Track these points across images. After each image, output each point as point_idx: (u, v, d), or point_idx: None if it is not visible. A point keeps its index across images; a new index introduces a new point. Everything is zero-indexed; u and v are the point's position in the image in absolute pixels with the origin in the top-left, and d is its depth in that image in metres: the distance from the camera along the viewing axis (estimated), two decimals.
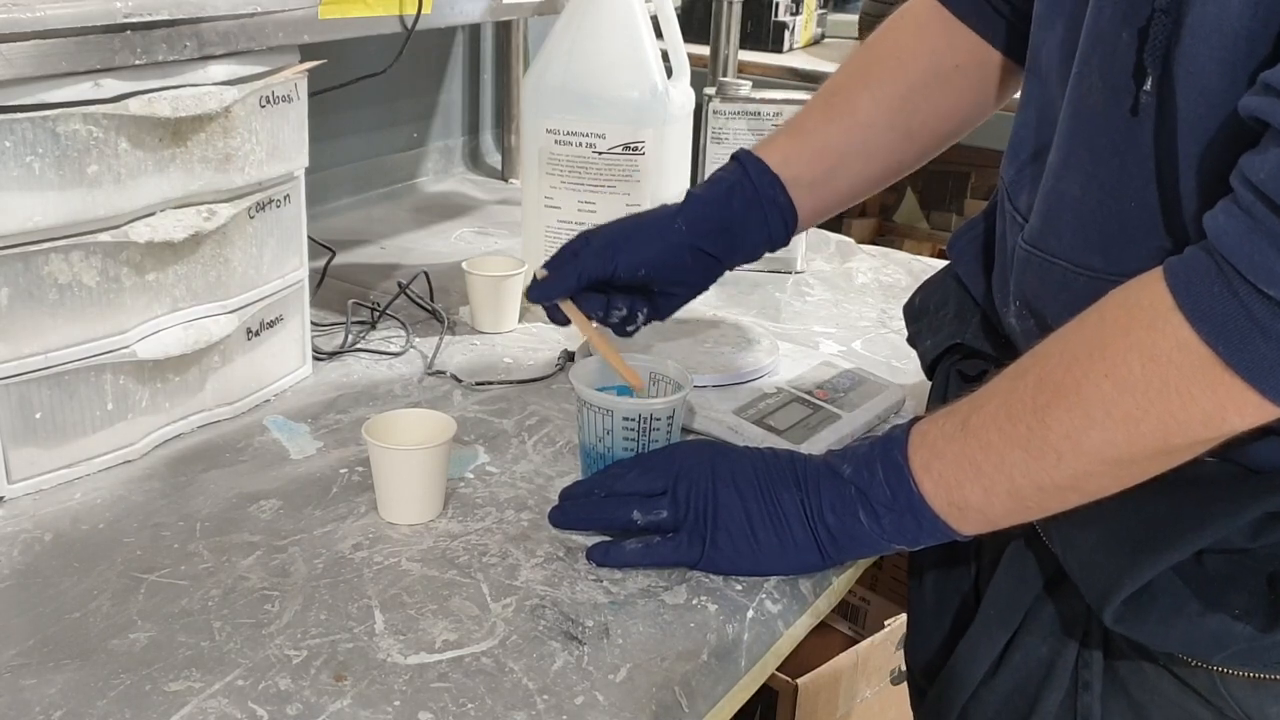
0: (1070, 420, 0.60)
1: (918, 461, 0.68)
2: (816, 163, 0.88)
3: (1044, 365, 0.62)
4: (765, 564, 0.74)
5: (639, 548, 0.75)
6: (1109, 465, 0.61)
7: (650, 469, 0.77)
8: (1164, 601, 0.63)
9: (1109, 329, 0.59)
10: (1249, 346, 0.53)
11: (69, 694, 0.62)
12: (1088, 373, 0.59)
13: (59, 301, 0.79)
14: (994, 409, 0.64)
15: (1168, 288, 0.56)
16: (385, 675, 0.65)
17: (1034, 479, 0.63)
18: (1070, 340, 0.61)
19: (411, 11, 1.08)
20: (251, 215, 0.91)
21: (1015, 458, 0.63)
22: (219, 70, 0.84)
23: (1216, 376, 0.55)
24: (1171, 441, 0.58)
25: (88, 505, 0.81)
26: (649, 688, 0.66)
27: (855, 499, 0.70)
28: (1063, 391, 0.60)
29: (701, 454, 0.77)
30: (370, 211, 1.56)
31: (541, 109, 1.15)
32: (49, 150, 0.74)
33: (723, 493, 0.74)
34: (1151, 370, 0.56)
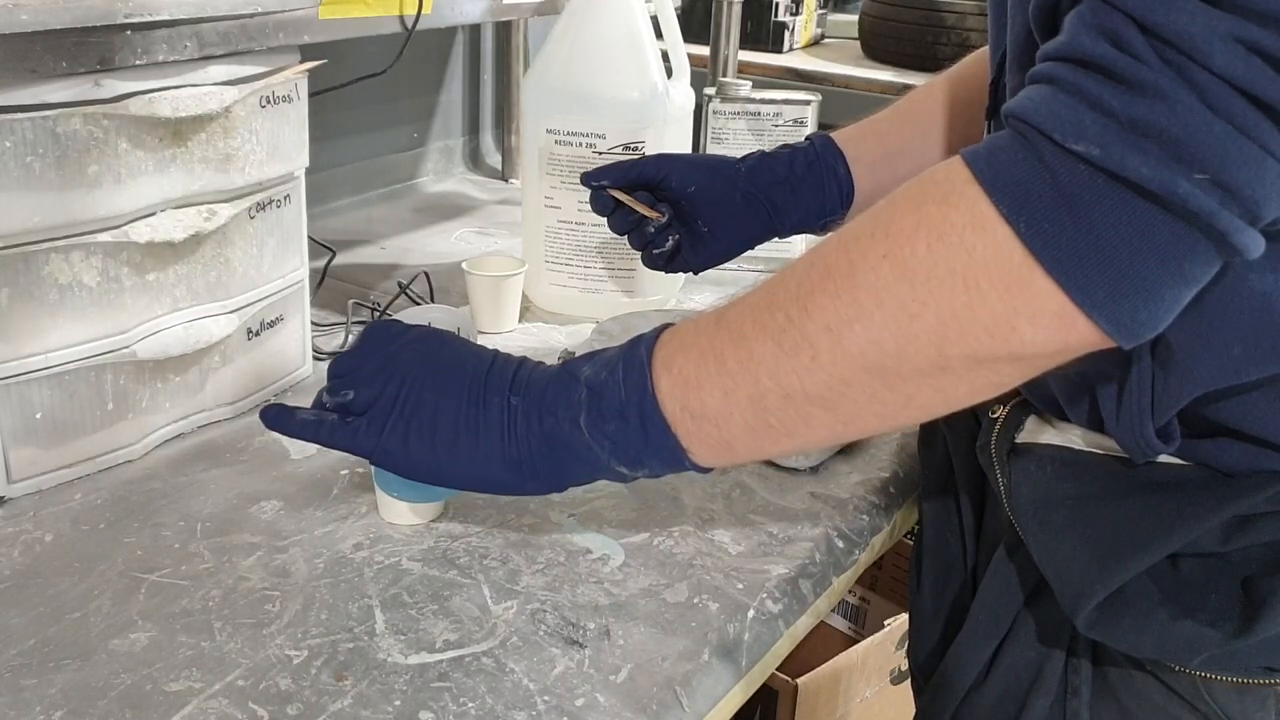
0: (834, 309, 0.52)
1: (661, 356, 0.58)
2: (879, 146, 0.89)
3: (823, 248, 0.54)
4: (447, 468, 0.62)
5: (310, 420, 0.65)
6: (869, 374, 0.52)
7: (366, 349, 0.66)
8: (1136, 607, 0.62)
9: (898, 205, 0.52)
10: (1054, 224, 0.47)
11: (69, 694, 0.62)
12: (865, 253, 0.51)
13: (59, 301, 0.79)
14: (757, 298, 0.56)
15: (965, 162, 0.50)
16: (386, 675, 0.65)
17: (782, 381, 0.54)
18: (857, 222, 0.54)
19: (411, 12, 1.08)
20: (252, 215, 0.91)
21: (765, 351, 0.54)
22: (219, 70, 0.84)
23: (1013, 265, 0.48)
24: (947, 351, 0.50)
25: (88, 505, 0.81)
26: (649, 687, 0.66)
27: (582, 403, 0.60)
28: (832, 274, 0.52)
29: (413, 337, 0.66)
30: (370, 211, 1.56)
31: (542, 109, 1.15)
32: (49, 150, 0.74)
33: (419, 379, 0.63)
34: (938, 252, 0.49)
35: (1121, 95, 0.46)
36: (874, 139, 0.90)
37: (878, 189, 0.90)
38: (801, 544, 0.81)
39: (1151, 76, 0.45)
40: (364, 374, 0.64)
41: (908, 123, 0.91)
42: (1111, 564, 0.61)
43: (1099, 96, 0.46)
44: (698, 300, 1.27)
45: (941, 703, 0.77)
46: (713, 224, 0.88)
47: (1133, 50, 0.45)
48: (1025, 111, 0.48)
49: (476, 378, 0.63)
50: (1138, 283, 0.47)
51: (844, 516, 0.85)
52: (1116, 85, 0.46)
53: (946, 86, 0.91)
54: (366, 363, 0.64)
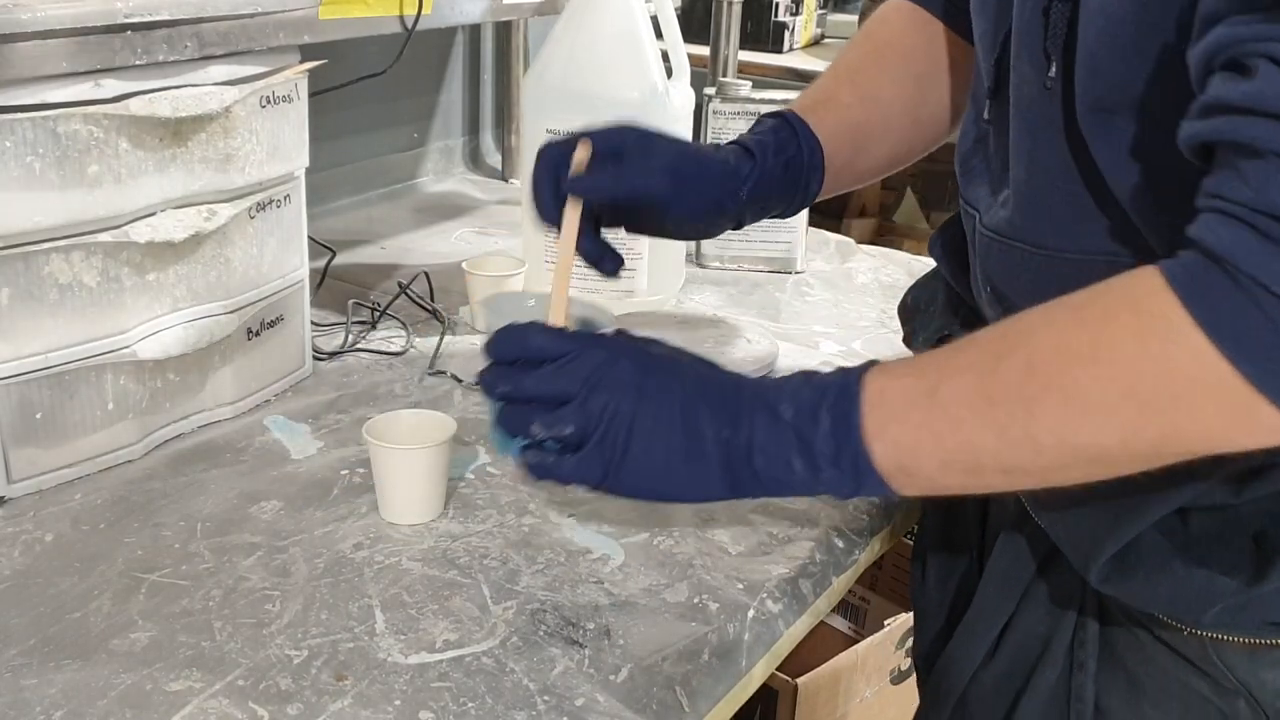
0: (1063, 417, 0.57)
1: (872, 422, 0.61)
2: (848, 142, 0.88)
3: (1035, 351, 0.58)
4: (671, 493, 0.65)
5: (535, 461, 0.65)
6: (1089, 462, 0.58)
7: (564, 369, 0.64)
8: (1150, 560, 0.63)
9: (1117, 332, 0.56)
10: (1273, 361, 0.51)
11: (70, 694, 0.63)
12: (1093, 375, 0.56)
13: (59, 301, 0.79)
14: (970, 385, 0.59)
15: (1179, 298, 0.53)
16: (386, 675, 0.65)
17: (1003, 463, 0.59)
18: (1067, 332, 0.58)
19: (412, 12, 1.08)
20: (252, 215, 0.91)
21: (987, 441, 0.58)
22: (219, 70, 0.84)
23: (1233, 393, 0.52)
24: (1164, 451, 0.56)
25: (88, 505, 0.81)
26: (649, 687, 0.66)
27: (792, 446, 0.62)
28: (1058, 387, 0.57)
29: (625, 360, 0.65)
30: (370, 211, 1.56)
31: (542, 109, 1.15)
32: (50, 150, 0.74)
33: (642, 413, 0.64)
34: (1164, 383, 0.54)
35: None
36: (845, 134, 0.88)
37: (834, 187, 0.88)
38: (801, 544, 0.81)
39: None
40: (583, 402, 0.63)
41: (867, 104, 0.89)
42: (1123, 516, 0.63)
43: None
44: (697, 300, 1.27)
45: (949, 685, 0.78)
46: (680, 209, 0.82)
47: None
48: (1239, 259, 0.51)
49: (689, 407, 0.64)
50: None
51: (844, 516, 0.85)
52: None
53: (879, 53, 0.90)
54: (576, 389, 0.64)
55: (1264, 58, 0.50)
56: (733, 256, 1.38)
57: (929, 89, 0.89)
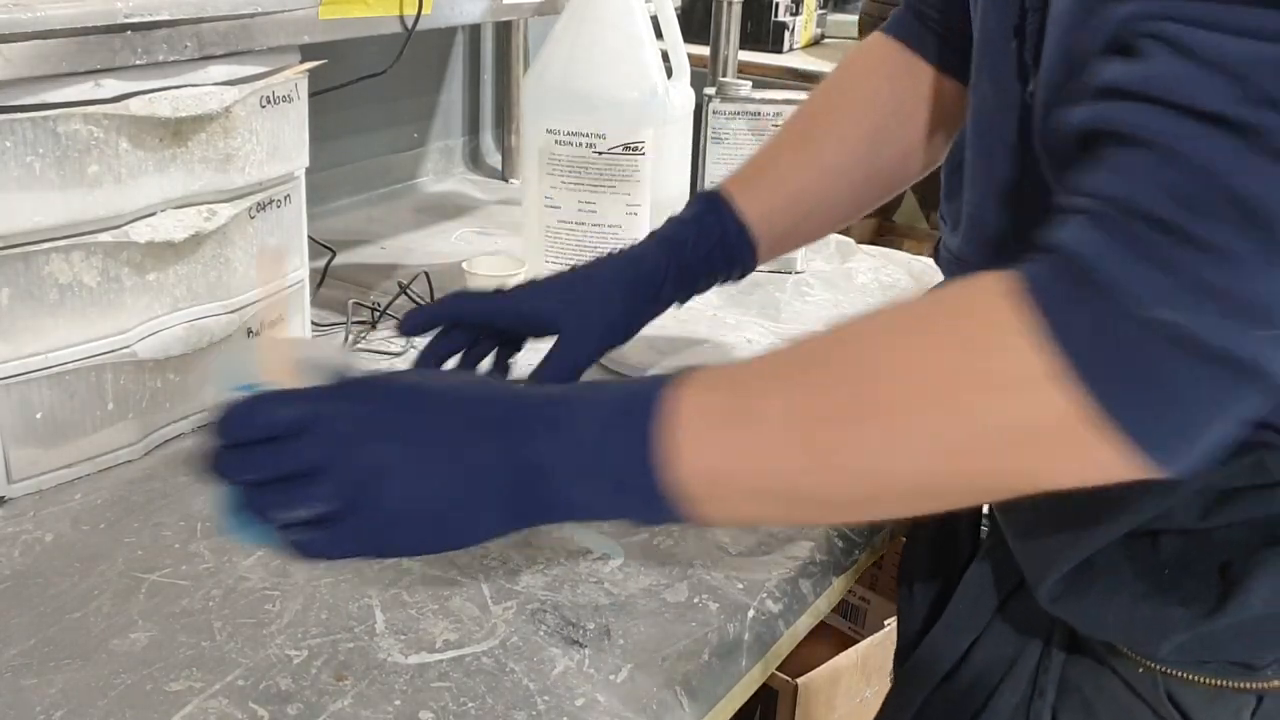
0: (886, 445, 0.49)
1: (671, 442, 0.52)
2: (789, 213, 0.84)
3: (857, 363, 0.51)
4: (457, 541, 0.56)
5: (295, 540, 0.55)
6: (916, 496, 0.51)
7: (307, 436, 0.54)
8: (1103, 582, 0.59)
9: (945, 345, 0.48)
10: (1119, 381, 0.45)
11: (70, 694, 0.63)
12: (924, 396, 0.48)
13: (59, 301, 0.79)
14: (786, 404, 0.51)
15: (1033, 308, 0.46)
16: (386, 675, 0.65)
17: (813, 492, 0.52)
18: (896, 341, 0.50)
19: (412, 12, 1.08)
20: (252, 215, 0.91)
21: (801, 466, 0.51)
22: (219, 70, 0.84)
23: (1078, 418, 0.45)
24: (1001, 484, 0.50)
25: (88, 505, 0.81)
26: (650, 687, 0.66)
27: (583, 465, 0.53)
28: (884, 410, 0.49)
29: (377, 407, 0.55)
30: (370, 211, 1.56)
31: (542, 109, 1.15)
32: (50, 150, 0.74)
33: (407, 463, 0.54)
34: (994, 404, 0.46)
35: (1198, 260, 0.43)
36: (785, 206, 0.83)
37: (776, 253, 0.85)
38: (801, 544, 0.81)
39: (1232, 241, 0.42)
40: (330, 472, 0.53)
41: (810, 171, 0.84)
42: (1080, 533, 0.59)
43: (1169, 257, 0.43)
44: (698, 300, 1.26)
45: (914, 688, 0.76)
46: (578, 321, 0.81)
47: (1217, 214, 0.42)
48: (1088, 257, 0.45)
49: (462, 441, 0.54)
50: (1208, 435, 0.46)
51: None
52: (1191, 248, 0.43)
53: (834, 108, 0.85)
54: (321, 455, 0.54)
55: (1151, 38, 0.45)
56: None
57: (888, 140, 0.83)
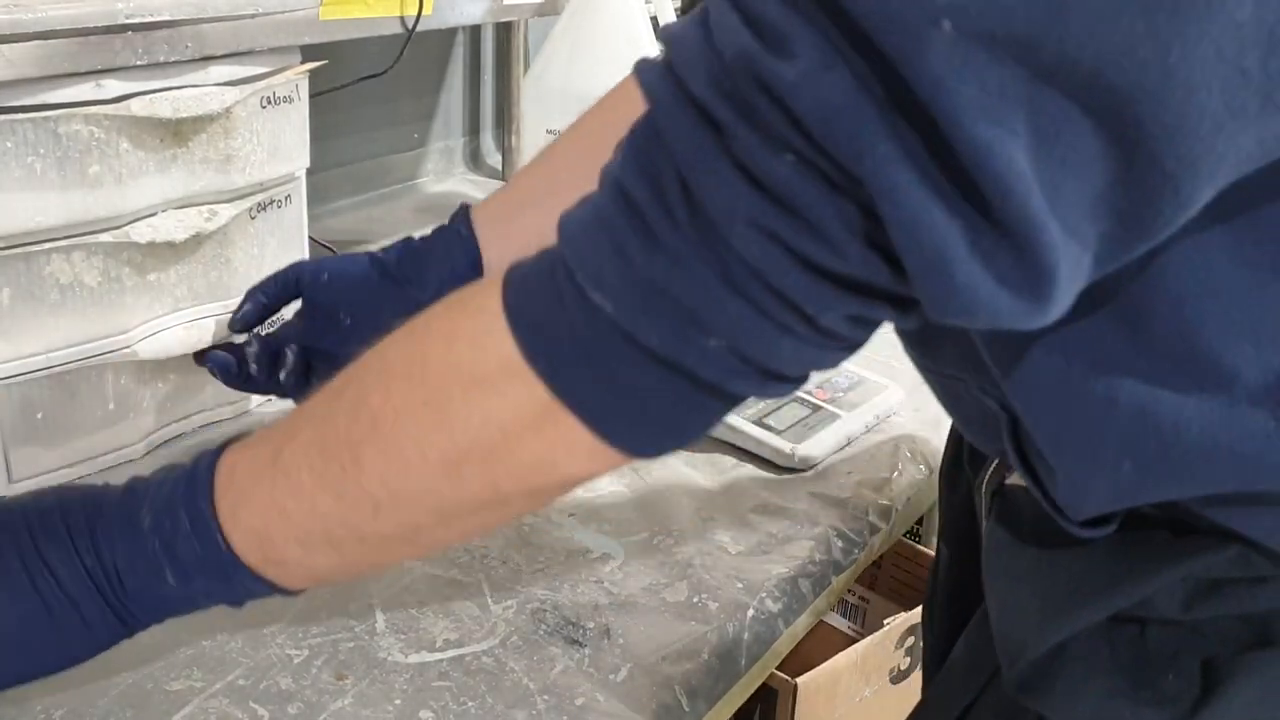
0: (385, 463, 0.47)
1: (225, 507, 0.51)
2: (505, 201, 0.83)
3: (362, 381, 0.49)
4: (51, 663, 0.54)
5: None
6: (437, 516, 0.49)
7: None
8: (1074, 672, 0.55)
9: (433, 340, 0.47)
10: (570, 368, 0.43)
11: (69, 694, 0.63)
12: (406, 400, 0.47)
13: (60, 302, 0.79)
14: (307, 439, 0.50)
15: (501, 286, 0.46)
16: (386, 674, 0.65)
17: (353, 530, 0.50)
18: (391, 350, 0.49)
19: (412, 12, 1.08)
20: (253, 216, 0.91)
21: (328, 505, 0.49)
22: (220, 71, 0.84)
23: (542, 407, 0.44)
24: (502, 489, 0.48)
25: None
26: (649, 687, 0.66)
27: (160, 555, 0.52)
28: (379, 424, 0.47)
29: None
30: (371, 212, 1.56)
31: (542, 110, 1.15)
32: (50, 151, 0.74)
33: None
34: (472, 399, 0.45)
35: (646, 249, 0.41)
36: (503, 194, 0.84)
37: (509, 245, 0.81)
38: (801, 544, 0.81)
39: (677, 239, 0.40)
40: None
41: (535, 164, 0.84)
42: (1052, 618, 0.55)
43: (624, 243, 0.42)
44: None
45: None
46: (354, 313, 0.80)
47: (667, 203, 0.41)
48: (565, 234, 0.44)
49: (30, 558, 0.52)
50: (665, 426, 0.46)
51: (843, 516, 0.85)
52: (645, 236, 0.41)
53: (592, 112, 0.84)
54: None
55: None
56: None
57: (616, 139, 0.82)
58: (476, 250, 0.82)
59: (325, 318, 0.81)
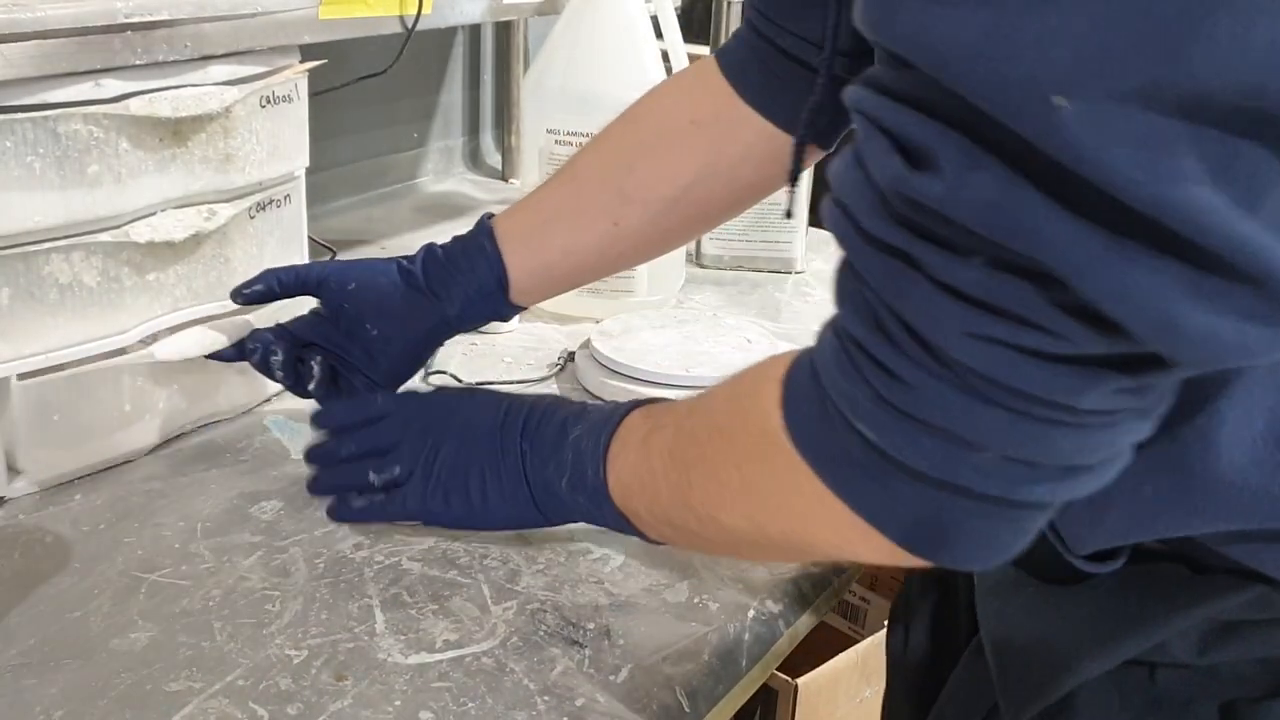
0: (706, 493, 0.56)
1: (614, 451, 0.64)
2: (531, 217, 0.83)
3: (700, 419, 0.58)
4: (482, 517, 0.72)
5: (364, 505, 0.75)
6: (748, 546, 0.58)
7: (379, 421, 0.74)
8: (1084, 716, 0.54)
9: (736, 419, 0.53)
10: (857, 484, 0.46)
11: (69, 694, 0.62)
12: (722, 453, 0.54)
13: (59, 301, 0.79)
14: (667, 438, 0.60)
15: (780, 399, 0.49)
16: (386, 675, 0.65)
17: (681, 526, 0.59)
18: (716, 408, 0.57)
19: (412, 12, 1.08)
20: (252, 215, 0.91)
21: (667, 499, 0.59)
22: (219, 70, 0.84)
23: (836, 511, 0.47)
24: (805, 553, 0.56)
25: (88, 505, 0.81)
26: (650, 688, 0.66)
27: (567, 465, 0.66)
28: (702, 460, 0.56)
29: (433, 403, 0.75)
30: (370, 211, 1.56)
31: (542, 109, 1.15)
32: (50, 150, 0.74)
33: (447, 442, 0.71)
34: (773, 486, 0.50)
35: (887, 384, 0.43)
36: (526, 210, 0.84)
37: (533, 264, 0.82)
38: None
39: (909, 368, 0.42)
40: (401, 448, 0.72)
41: (556, 181, 0.84)
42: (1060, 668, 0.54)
43: (867, 379, 0.43)
44: (697, 300, 1.27)
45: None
46: (380, 323, 0.81)
47: (889, 336, 0.42)
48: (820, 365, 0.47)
49: (493, 430, 0.70)
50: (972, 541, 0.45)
51: None
52: (880, 371, 0.43)
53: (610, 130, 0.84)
54: (398, 435, 0.73)
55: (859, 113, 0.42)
56: (733, 256, 1.38)
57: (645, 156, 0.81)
58: (502, 267, 0.82)
59: (351, 326, 0.83)
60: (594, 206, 0.81)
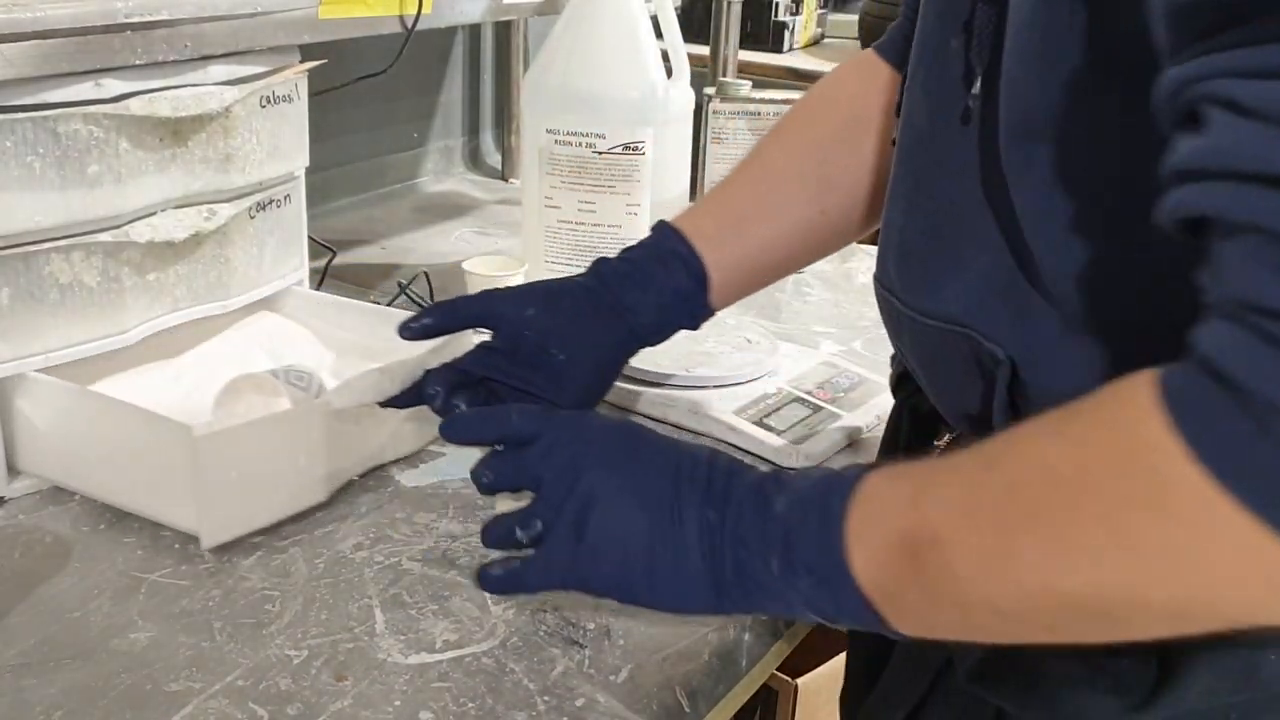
0: (1045, 554, 0.46)
1: (855, 522, 0.52)
2: (722, 215, 0.79)
3: (1019, 467, 0.48)
4: (648, 592, 0.57)
5: (499, 575, 0.60)
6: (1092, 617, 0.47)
7: (522, 458, 0.60)
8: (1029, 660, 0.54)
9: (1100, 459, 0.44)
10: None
11: (70, 694, 0.62)
12: (1076, 507, 0.45)
13: (60, 302, 0.79)
14: (955, 499, 0.49)
15: (1176, 427, 0.41)
16: (386, 675, 0.65)
17: (991, 602, 0.48)
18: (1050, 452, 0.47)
19: (411, 11, 1.08)
20: (252, 215, 0.91)
21: (968, 571, 0.48)
22: (219, 70, 0.84)
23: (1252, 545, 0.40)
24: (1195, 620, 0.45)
25: (88, 505, 0.81)
26: (650, 688, 0.66)
27: (777, 541, 0.54)
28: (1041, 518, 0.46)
29: (585, 432, 0.60)
30: (370, 211, 1.56)
31: (541, 109, 1.15)
32: (50, 150, 0.74)
33: (602, 488, 0.57)
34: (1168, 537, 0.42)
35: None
36: (716, 209, 0.81)
37: (734, 263, 0.79)
38: None
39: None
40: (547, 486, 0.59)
41: (747, 176, 0.81)
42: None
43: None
44: None
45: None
46: (567, 347, 0.74)
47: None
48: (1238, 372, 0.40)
49: (667, 485, 0.57)
50: None
51: None
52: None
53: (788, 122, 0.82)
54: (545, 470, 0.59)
55: (1212, 102, 0.40)
56: None
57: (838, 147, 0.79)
58: (701, 266, 0.77)
59: (533, 354, 0.74)
60: (796, 197, 0.79)
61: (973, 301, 0.58)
